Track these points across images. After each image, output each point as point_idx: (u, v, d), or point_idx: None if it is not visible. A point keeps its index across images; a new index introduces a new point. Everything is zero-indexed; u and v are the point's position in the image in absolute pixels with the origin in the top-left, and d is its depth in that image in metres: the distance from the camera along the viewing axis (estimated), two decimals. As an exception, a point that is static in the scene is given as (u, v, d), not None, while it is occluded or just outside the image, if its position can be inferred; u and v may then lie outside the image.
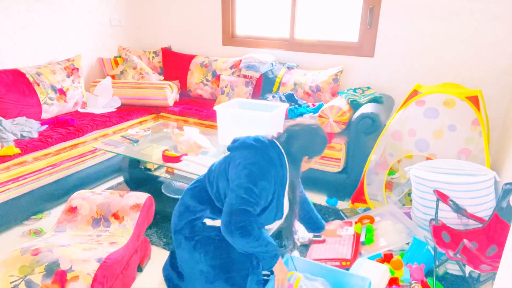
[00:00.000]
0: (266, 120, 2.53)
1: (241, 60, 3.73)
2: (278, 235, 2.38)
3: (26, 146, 2.57)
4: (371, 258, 2.16)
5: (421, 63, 3.20)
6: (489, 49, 2.95)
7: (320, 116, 2.95)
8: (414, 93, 2.68)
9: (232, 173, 1.60)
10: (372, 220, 2.46)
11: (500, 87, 2.97)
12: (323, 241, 2.34)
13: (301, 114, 3.19)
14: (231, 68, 3.77)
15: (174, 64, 4.08)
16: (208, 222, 1.71)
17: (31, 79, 3.04)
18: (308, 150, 1.67)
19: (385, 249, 2.22)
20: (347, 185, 2.91)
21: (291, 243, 2.32)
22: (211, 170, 1.76)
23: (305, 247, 2.37)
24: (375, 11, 3.24)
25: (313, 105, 3.31)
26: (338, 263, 2.12)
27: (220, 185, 1.67)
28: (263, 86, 3.63)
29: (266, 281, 1.78)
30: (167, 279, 1.92)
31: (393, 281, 1.98)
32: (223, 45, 4.04)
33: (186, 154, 2.51)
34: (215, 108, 2.72)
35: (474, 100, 2.42)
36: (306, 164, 1.73)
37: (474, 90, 2.53)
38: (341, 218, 2.68)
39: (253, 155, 1.60)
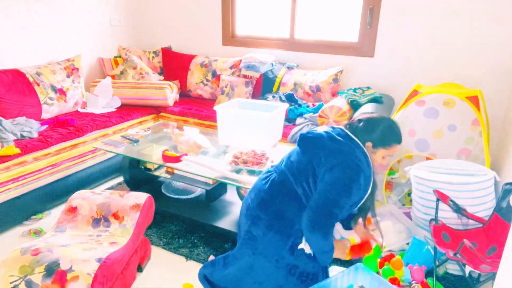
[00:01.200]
0: (266, 120, 2.53)
1: (241, 60, 3.72)
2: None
3: (26, 146, 2.57)
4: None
5: (421, 63, 3.20)
6: (489, 49, 2.95)
7: (320, 116, 2.95)
8: (414, 93, 2.68)
9: (324, 177, 1.54)
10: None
11: (500, 87, 2.97)
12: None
13: (301, 114, 3.19)
14: (231, 68, 3.77)
15: (174, 64, 4.08)
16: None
17: (31, 79, 3.04)
18: (373, 137, 1.60)
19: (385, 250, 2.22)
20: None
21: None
22: (292, 165, 1.66)
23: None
24: (375, 11, 3.24)
25: (313, 105, 3.31)
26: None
27: (306, 186, 1.60)
28: (263, 86, 3.63)
29: None
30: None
31: (393, 281, 1.98)
32: (223, 45, 4.04)
33: (186, 154, 2.51)
34: (215, 108, 2.71)
35: (474, 100, 2.41)
36: (373, 156, 1.64)
37: (474, 90, 2.53)
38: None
39: (343, 163, 1.53)
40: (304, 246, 1.62)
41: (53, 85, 3.16)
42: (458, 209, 2.04)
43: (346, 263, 2.13)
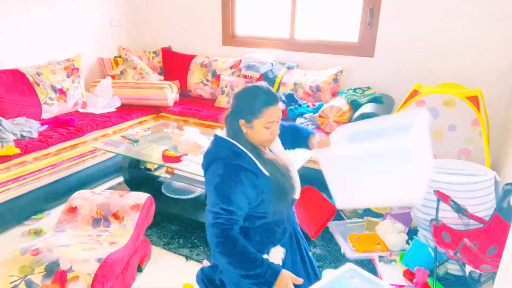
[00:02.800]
0: (408, 148, 1.39)
1: (241, 60, 3.72)
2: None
3: (26, 146, 2.57)
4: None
5: (421, 63, 3.19)
6: (489, 49, 2.95)
7: (320, 116, 2.95)
8: (414, 93, 2.68)
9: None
10: None
11: (500, 87, 2.97)
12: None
13: (301, 114, 3.19)
14: (231, 68, 3.77)
15: (174, 64, 4.08)
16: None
17: (31, 79, 3.04)
18: (238, 112, 1.45)
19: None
20: (347, 185, 2.90)
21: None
22: None
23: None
24: (375, 11, 3.24)
25: (313, 105, 3.31)
26: None
27: None
28: (263, 86, 3.63)
29: None
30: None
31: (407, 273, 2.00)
32: (223, 45, 4.04)
33: (186, 154, 2.51)
34: (314, 156, 1.72)
35: (474, 100, 2.41)
36: (254, 132, 1.45)
37: (474, 90, 2.53)
38: (341, 218, 2.68)
39: (209, 170, 1.44)
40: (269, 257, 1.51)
41: (53, 85, 3.16)
42: (459, 209, 2.04)
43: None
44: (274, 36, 3.81)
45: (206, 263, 1.80)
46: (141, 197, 2.15)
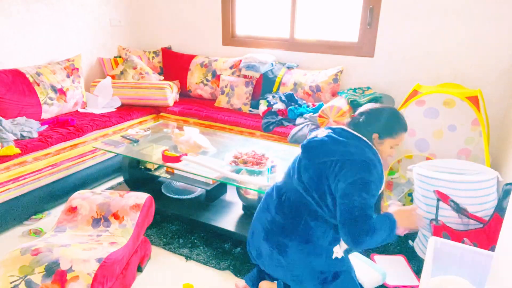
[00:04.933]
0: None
1: (241, 60, 3.72)
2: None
3: (26, 146, 2.57)
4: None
5: (421, 63, 3.20)
6: (489, 49, 2.95)
7: (320, 116, 2.95)
8: (414, 93, 2.68)
9: (339, 186, 1.48)
10: None
11: (500, 87, 2.97)
12: None
13: (301, 114, 3.19)
14: (231, 68, 3.77)
15: (174, 64, 4.08)
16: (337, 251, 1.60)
17: (31, 79, 3.04)
18: (375, 127, 1.57)
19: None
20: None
21: None
22: (304, 183, 1.58)
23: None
24: (375, 11, 3.24)
25: (313, 105, 3.31)
26: None
27: (324, 204, 1.54)
28: (263, 86, 3.63)
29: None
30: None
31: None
32: (223, 45, 4.04)
33: (186, 154, 2.51)
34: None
35: (474, 100, 2.41)
36: (381, 147, 1.60)
37: (474, 90, 2.53)
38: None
39: (353, 165, 1.48)
40: (337, 253, 1.61)
41: (53, 85, 3.16)
42: (459, 209, 2.04)
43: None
44: (274, 36, 3.81)
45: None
46: (141, 197, 2.15)
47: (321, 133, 1.63)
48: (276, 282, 1.84)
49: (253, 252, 1.76)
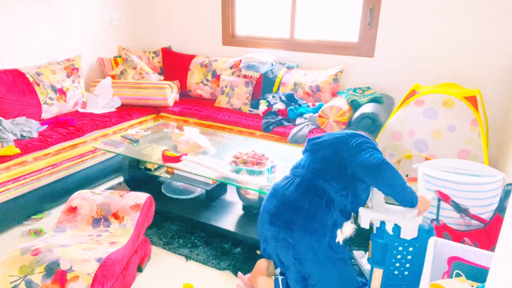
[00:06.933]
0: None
1: (241, 60, 3.73)
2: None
3: (26, 146, 2.57)
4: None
5: (421, 63, 3.20)
6: (488, 49, 2.95)
7: (320, 116, 2.95)
8: (412, 93, 2.68)
9: (355, 154, 1.71)
10: None
11: (500, 87, 2.97)
12: None
13: (301, 114, 3.19)
14: (231, 68, 3.77)
15: (174, 64, 4.08)
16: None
17: (31, 79, 3.04)
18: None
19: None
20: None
21: None
22: (315, 167, 1.77)
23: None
24: (375, 11, 3.25)
25: (313, 105, 3.31)
26: None
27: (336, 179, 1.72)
28: (263, 86, 3.64)
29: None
30: None
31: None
32: (223, 45, 4.04)
33: (186, 154, 2.51)
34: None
35: (472, 100, 2.41)
36: None
37: (472, 90, 2.52)
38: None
39: (357, 136, 1.78)
40: (339, 237, 1.70)
41: (53, 85, 3.16)
42: (459, 209, 2.04)
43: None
44: (274, 36, 3.81)
45: (240, 275, 1.98)
46: (141, 197, 2.15)
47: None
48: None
49: (262, 244, 1.85)
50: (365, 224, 1.72)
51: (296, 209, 1.68)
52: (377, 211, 1.73)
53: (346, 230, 1.71)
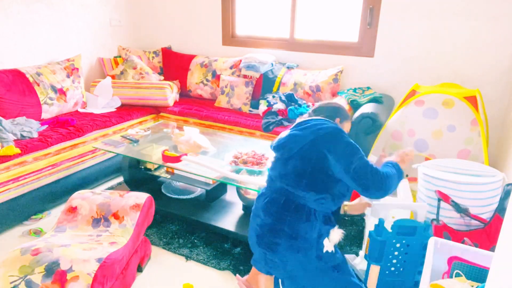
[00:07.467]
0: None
1: (241, 60, 3.73)
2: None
3: (26, 146, 2.57)
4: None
5: (421, 63, 3.20)
6: (488, 49, 2.95)
7: (320, 116, 2.94)
8: (412, 93, 2.68)
9: (334, 163, 1.60)
10: None
11: (500, 87, 2.97)
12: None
13: (301, 114, 3.19)
14: (231, 68, 3.77)
15: (174, 64, 4.08)
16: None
17: (31, 79, 3.04)
18: (338, 114, 1.81)
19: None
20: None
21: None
22: (287, 177, 1.66)
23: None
24: (375, 11, 3.25)
25: (313, 105, 3.31)
26: None
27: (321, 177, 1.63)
28: (263, 86, 3.64)
29: None
30: None
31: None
32: (223, 45, 4.04)
33: (186, 154, 2.51)
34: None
35: (472, 100, 2.41)
36: (342, 127, 1.80)
37: (472, 90, 2.53)
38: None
39: (330, 133, 1.64)
40: (327, 247, 1.65)
41: (53, 85, 3.16)
42: (459, 209, 2.04)
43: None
44: (274, 36, 3.81)
45: (239, 277, 1.96)
46: (141, 197, 2.15)
47: (284, 133, 1.77)
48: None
49: (254, 257, 1.82)
50: (384, 217, 1.74)
51: (276, 232, 1.62)
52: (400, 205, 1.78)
53: (334, 237, 1.65)
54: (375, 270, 1.76)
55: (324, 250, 1.63)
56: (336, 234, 1.66)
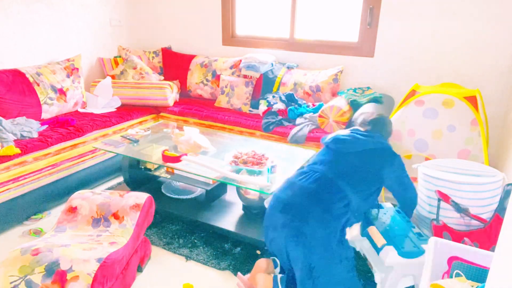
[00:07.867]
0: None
1: (241, 60, 3.73)
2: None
3: (26, 146, 2.57)
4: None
5: (421, 63, 3.20)
6: (488, 49, 2.95)
7: (320, 116, 2.95)
8: (412, 93, 2.68)
9: (393, 172, 1.92)
10: None
11: (500, 87, 2.97)
12: None
13: (301, 114, 3.19)
14: (231, 68, 3.77)
15: (174, 64, 4.08)
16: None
17: (31, 79, 3.04)
18: (383, 132, 2.06)
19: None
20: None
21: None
22: (344, 172, 1.86)
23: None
24: (375, 11, 3.24)
25: (313, 105, 3.31)
26: None
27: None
28: (263, 86, 3.64)
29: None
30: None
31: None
32: (223, 45, 4.04)
33: (186, 154, 2.51)
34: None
35: (472, 100, 2.41)
36: None
37: (472, 90, 2.52)
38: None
39: (388, 151, 1.96)
40: (348, 235, 1.77)
41: (53, 85, 3.16)
42: (459, 209, 2.04)
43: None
44: (274, 36, 3.81)
45: (240, 275, 1.99)
46: (141, 197, 2.15)
47: (344, 131, 2.02)
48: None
49: (271, 233, 1.83)
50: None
51: (314, 198, 1.75)
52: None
53: (354, 231, 1.77)
54: (373, 230, 1.92)
55: (346, 237, 1.75)
56: (356, 230, 1.79)
